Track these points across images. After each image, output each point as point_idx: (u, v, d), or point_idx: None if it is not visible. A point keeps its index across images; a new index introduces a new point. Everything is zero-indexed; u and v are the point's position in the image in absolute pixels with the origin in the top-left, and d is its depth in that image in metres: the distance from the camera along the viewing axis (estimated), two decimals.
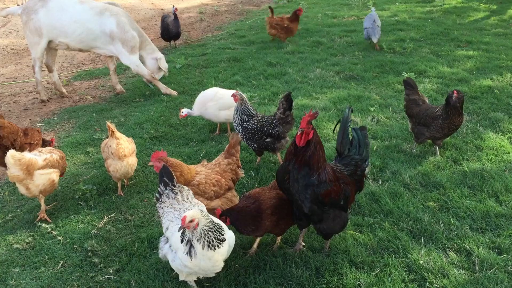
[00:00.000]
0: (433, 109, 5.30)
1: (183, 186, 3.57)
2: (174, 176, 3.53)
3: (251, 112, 5.11)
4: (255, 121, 5.06)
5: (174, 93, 7.71)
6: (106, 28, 7.30)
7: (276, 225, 3.74)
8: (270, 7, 10.43)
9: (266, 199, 3.68)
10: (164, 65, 7.93)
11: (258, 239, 3.93)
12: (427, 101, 5.60)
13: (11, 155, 4.21)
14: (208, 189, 3.77)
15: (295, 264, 3.74)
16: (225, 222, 3.51)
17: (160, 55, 7.91)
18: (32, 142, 5.19)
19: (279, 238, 3.97)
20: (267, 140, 5.04)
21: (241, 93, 5.20)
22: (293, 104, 5.18)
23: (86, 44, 7.42)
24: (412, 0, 14.62)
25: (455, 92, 5.08)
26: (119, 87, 8.02)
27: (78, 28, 7.19)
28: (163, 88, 7.74)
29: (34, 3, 7.18)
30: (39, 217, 4.54)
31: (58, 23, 7.14)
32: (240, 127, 5.08)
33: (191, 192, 3.58)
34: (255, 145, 5.11)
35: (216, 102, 5.86)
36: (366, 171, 3.93)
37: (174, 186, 3.51)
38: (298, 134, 3.37)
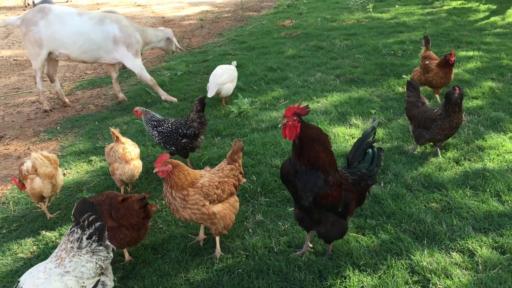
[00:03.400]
0: (432, 110, 5.31)
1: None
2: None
3: (158, 117, 5.36)
4: (169, 124, 5.31)
5: (174, 100, 7.75)
6: (109, 35, 7.38)
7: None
8: (425, 37, 7.52)
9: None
10: (176, 43, 8.14)
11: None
12: (427, 103, 5.61)
13: (37, 156, 4.46)
14: (211, 191, 3.78)
15: (298, 268, 3.75)
16: None
17: (168, 32, 8.14)
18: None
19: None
20: (184, 141, 5.28)
21: (139, 107, 5.47)
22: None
23: (90, 55, 7.46)
24: (411, 2, 14.66)
25: (456, 88, 5.09)
26: (121, 95, 8.07)
27: (80, 39, 7.25)
28: (164, 94, 7.78)
29: (33, 14, 7.23)
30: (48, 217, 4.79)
31: (58, 35, 7.20)
32: (155, 132, 5.28)
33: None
34: (173, 147, 5.32)
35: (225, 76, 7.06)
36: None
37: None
38: (282, 124, 3.33)
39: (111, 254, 3.20)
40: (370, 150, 3.80)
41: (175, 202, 3.76)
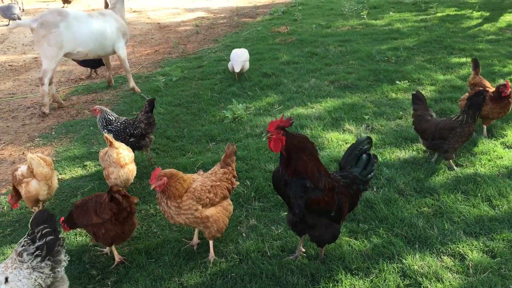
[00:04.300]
0: (447, 120, 5.22)
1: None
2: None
3: (110, 117, 5.58)
4: (118, 123, 5.55)
5: (138, 90, 8.62)
6: (114, 28, 8.26)
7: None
8: (474, 60, 6.49)
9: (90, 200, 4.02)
10: None
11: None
12: (434, 115, 5.51)
13: (34, 157, 4.52)
14: (204, 195, 3.81)
15: (291, 271, 3.78)
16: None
17: None
18: None
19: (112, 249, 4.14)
20: (131, 140, 5.51)
21: (99, 106, 5.68)
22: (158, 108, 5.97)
23: (105, 50, 8.30)
24: (405, 9, 14.79)
25: (479, 91, 5.03)
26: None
27: (99, 37, 7.99)
28: (132, 82, 8.72)
29: (54, 17, 7.56)
30: None
31: (79, 35, 7.75)
32: (105, 130, 5.51)
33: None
34: None
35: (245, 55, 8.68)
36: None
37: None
38: (267, 137, 3.38)
39: (59, 270, 3.15)
40: (364, 156, 3.84)
41: (170, 211, 3.81)
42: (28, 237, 3.09)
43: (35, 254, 3.03)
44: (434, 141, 5.22)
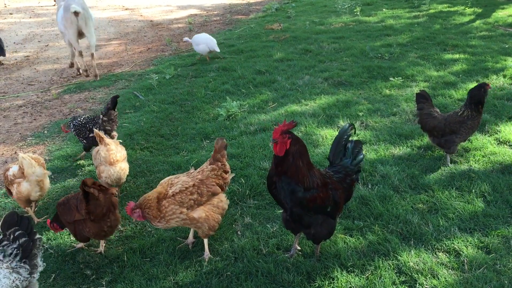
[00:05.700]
0: (454, 114, 5.23)
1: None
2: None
3: (75, 117, 5.87)
4: (82, 119, 5.79)
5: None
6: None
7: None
8: None
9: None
10: None
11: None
12: (438, 111, 5.51)
13: (25, 157, 4.45)
14: (186, 198, 3.79)
15: (287, 269, 3.77)
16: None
17: None
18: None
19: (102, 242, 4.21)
20: (91, 135, 5.62)
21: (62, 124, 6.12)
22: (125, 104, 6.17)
23: None
24: (398, 6, 14.81)
25: (484, 86, 5.08)
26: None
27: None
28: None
29: (84, 3, 9.05)
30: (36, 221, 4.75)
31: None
32: (72, 125, 5.80)
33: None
34: (84, 140, 5.74)
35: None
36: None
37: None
38: (273, 144, 3.44)
39: (35, 276, 3.14)
40: (349, 145, 3.86)
41: (159, 224, 3.86)
42: (4, 238, 3.08)
43: (13, 255, 3.02)
44: (445, 137, 5.20)
